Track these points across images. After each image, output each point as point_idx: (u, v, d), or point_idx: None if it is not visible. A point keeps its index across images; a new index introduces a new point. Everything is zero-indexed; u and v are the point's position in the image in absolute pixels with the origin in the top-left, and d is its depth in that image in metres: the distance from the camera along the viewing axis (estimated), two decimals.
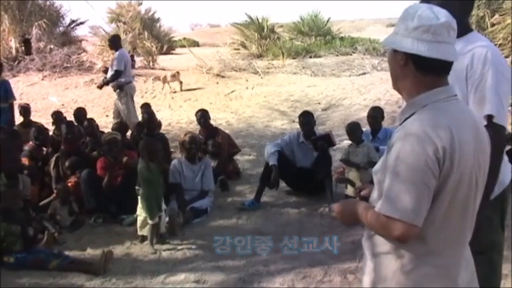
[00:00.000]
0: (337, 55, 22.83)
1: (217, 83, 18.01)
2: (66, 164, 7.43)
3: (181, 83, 17.48)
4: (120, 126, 8.84)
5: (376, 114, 8.18)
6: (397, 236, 2.12)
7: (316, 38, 26.85)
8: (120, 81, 11.21)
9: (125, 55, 11.53)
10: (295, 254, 5.83)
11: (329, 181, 7.43)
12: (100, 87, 12.21)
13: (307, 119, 7.92)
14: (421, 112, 2.20)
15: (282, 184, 7.85)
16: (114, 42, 11.80)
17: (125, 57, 11.45)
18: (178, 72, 17.72)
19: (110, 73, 11.41)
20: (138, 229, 6.35)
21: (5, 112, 9.94)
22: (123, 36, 20.80)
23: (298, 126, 8.43)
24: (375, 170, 2.34)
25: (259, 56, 23.79)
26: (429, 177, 2.09)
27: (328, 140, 7.59)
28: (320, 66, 19.91)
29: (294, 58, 22.48)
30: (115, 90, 11.47)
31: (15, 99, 10.77)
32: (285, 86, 17.01)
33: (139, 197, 6.21)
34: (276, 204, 7.65)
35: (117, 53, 11.44)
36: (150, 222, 6.14)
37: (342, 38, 27.02)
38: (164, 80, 17.37)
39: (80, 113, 9.89)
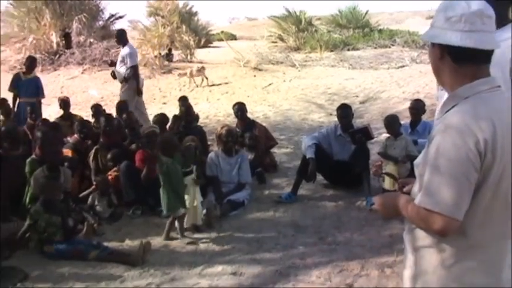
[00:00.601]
0: (375, 48, 22.61)
1: (255, 76, 17.99)
2: (108, 156, 7.52)
3: (206, 78, 17.49)
4: (160, 119, 8.89)
5: (418, 106, 8.09)
6: (437, 229, 2.09)
7: (354, 31, 26.64)
8: (126, 73, 11.26)
9: (135, 49, 11.67)
10: (332, 247, 5.81)
11: (367, 174, 7.36)
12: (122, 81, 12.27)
13: (345, 111, 7.86)
14: (462, 104, 2.16)
15: (319, 177, 7.82)
16: (122, 37, 11.76)
17: (135, 51, 11.59)
18: (203, 67, 17.74)
19: (118, 67, 11.43)
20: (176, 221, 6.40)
21: (33, 107, 10.16)
22: (161, 30, 20.91)
23: (335, 119, 8.38)
24: (416, 163, 2.31)
25: (297, 49, 23.69)
26: (470, 170, 2.05)
27: (366, 133, 7.51)
28: (358, 59, 19.74)
29: (331, 51, 22.33)
30: (121, 83, 11.50)
31: (43, 97, 10.96)
32: (323, 79, 16.92)
33: (161, 191, 6.27)
34: (313, 197, 7.63)
35: (127, 48, 11.41)
36: (167, 214, 6.26)
37: (380, 31, 26.76)
38: (190, 75, 17.40)
39: (123, 105, 10.02)
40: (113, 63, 11.95)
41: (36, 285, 5.13)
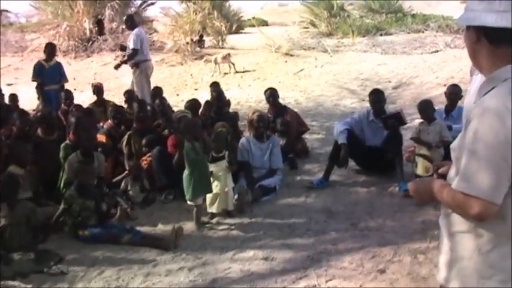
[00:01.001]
0: (408, 32, 22.27)
1: (286, 61, 17.90)
2: (143, 142, 7.57)
3: (233, 64, 17.44)
4: (192, 104, 8.92)
5: (456, 91, 7.95)
6: (474, 214, 2.05)
7: (386, 16, 26.27)
8: (136, 59, 11.38)
9: (141, 34, 11.65)
10: (364, 233, 5.78)
11: (399, 160, 7.28)
12: (116, 67, 12.48)
13: (377, 97, 7.78)
14: (500, 86, 2.11)
15: (351, 163, 7.77)
16: (130, 21, 11.95)
17: (142, 36, 11.58)
18: (229, 54, 17.67)
19: (127, 52, 11.61)
20: (208, 206, 6.43)
21: (58, 93, 10.27)
22: (193, 16, 20.91)
23: (368, 105, 8.32)
24: (453, 146, 2.27)
25: (329, 35, 23.48)
26: (509, 153, 2.01)
27: (398, 118, 7.42)
28: (391, 44, 19.49)
29: (364, 36, 22.07)
30: (132, 68, 11.62)
31: (67, 81, 11.08)
32: (355, 64, 16.76)
33: (184, 177, 6.27)
34: (345, 183, 7.59)
35: (133, 32, 11.55)
36: (190, 203, 6.26)
37: (413, 15, 26.34)
38: (215, 62, 17.37)
39: (157, 91, 10.08)
40: (123, 48, 12.00)
41: (71, 268, 5.21)
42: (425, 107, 7.12)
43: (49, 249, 5.55)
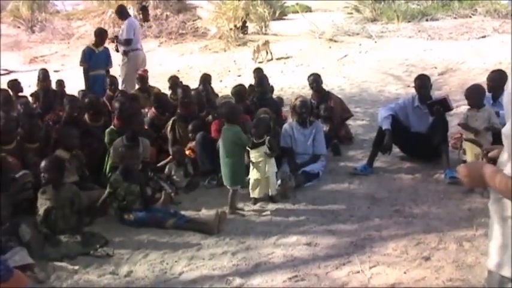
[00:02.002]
0: (455, 18, 21.80)
1: (330, 47, 17.74)
2: (189, 128, 7.62)
3: (271, 52, 17.34)
4: (238, 90, 8.93)
5: (496, 78, 7.68)
6: None
7: (433, 1, 25.80)
8: (127, 48, 11.75)
9: (133, 24, 11.99)
10: (408, 220, 5.72)
11: (445, 147, 7.16)
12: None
13: (423, 82, 7.63)
14: None
15: (396, 149, 7.69)
16: (121, 12, 12.28)
17: (134, 26, 11.90)
18: (268, 41, 17.59)
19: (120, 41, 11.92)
20: (251, 191, 6.46)
21: (104, 78, 10.51)
22: (236, 3, 20.89)
23: (413, 91, 8.20)
24: (506, 132, 2.21)
25: (373, 20, 23.16)
26: None
27: (444, 104, 7.27)
28: (437, 30, 19.11)
29: (409, 22, 21.70)
30: (122, 56, 11.95)
31: (111, 67, 11.24)
32: (400, 50, 16.49)
33: (222, 161, 6.34)
34: (389, 169, 7.52)
35: (126, 22, 11.91)
36: (230, 187, 6.31)
37: (460, 0, 25.83)
38: (257, 49, 17.28)
39: (206, 77, 10.14)
40: (116, 38, 12.16)
41: (117, 250, 5.30)
42: (474, 93, 6.95)
43: (95, 232, 5.65)
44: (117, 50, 12.13)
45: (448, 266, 4.67)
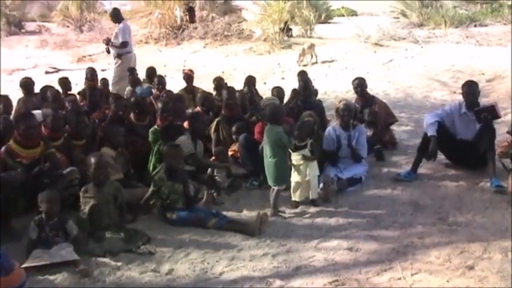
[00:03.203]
0: (504, 24, 21.42)
1: (375, 52, 17.61)
2: (233, 129, 7.66)
3: (316, 55, 17.28)
4: (278, 92, 8.96)
5: None
6: None
7: (481, 6, 25.39)
8: (119, 51, 12.14)
9: (128, 27, 12.42)
10: (452, 228, 5.64)
11: (492, 155, 7.02)
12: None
13: (471, 88, 7.49)
14: None
15: (441, 156, 7.56)
16: (116, 15, 12.51)
17: (128, 29, 12.35)
18: (313, 44, 17.53)
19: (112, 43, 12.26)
20: (292, 194, 6.46)
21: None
22: (282, 5, 20.90)
23: (459, 97, 8.09)
24: None
25: (420, 25, 22.96)
26: None
27: (492, 111, 7.13)
28: (485, 36, 18.82)
29: (456, 27, 21.43)
30: (114, 59, 12.28)
31: None
32: (447, 55, 16.26)
33: (265, 161, 6.35)
34: (434, 176, 7.42)
35: (121, 25, 12.28)
36: (274, 187, 6.30)
37: (511, 6, 25.34)
38: (302, 53, 17.24)
39: (250, 80, 10.19)
40: (109, 41, 12.43)
41: (159, 248, 5.36)
42: None
43: (138, 229, 5.73)
44: (108, 52, 12.66)
45: (492, 276, 4.60)
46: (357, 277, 4.70)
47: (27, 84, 9.52)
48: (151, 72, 11.03)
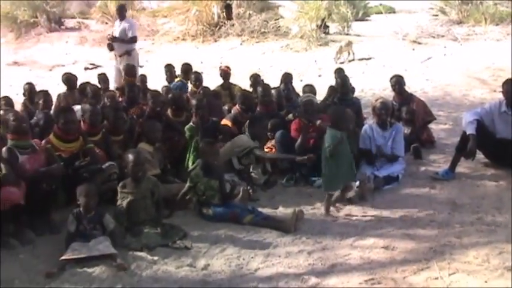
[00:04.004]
0: None
1: (413, 49, 17.42)
2: (268, 125, 7.66)
3: (353, 53, 17.15)
4: (310, 90, 8.92)
5: None
6: None
7: None
8: (129, 47, 12.15)
9: (136, 23, 12.76)
10: (491, 228, 5.56)
11: None
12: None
13: (511, 86, 7.37)
14: None
15: (479, 155, 7.43)
16: (121, 11, 12.57)
17: (136, 25, 12.71)
18: (350, 42, 17.40)
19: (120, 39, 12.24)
20: None
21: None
22: (319, 2, 20.81)
23: (499, 96, 7.92)
24: None
25: (459, 22, 22.56)
26: None
27: None
28: None
29: (497, 24, 21.00)
30: (120, 56, 12.18)
31: None
32: (487, 53, 16.01)
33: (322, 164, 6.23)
34: (472, 175, 7.30)
35: (129, 21, 12.68)
36: (324, 191, 6.23)
37: None
38: (340, 50, 17.13)
39: (287, 77, 10.19)
40: (113, 38, 12.40)
41: (195, 244, 5.40)
42: None
43: (174, 224, 5.78)
44: (111, 49, 12.56)
45: None
46: (393, 276, 4.66)
47: (70, 80, 9.72)
48: (186, 68, 11.06)
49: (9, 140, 5.78)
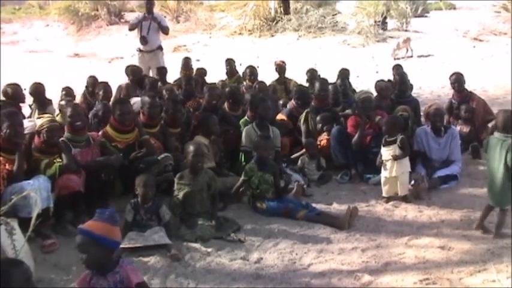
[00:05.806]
0: None
1: (474, 47, 17.08)
2: (318, 118, 7.64)
3: (411, 49, 16.87)
4: (380, 87, 8.81)
5: None
6: None
7: None
8: (160, 41, 11.93)
9: None
10: None
11: None
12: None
13: None
14: None
15: None
16: (151, 7, 12.35)
17: None
18: (409, 38, 17.15)
19: (155, 36, 11.82)
20: (383, 190, 6.37)
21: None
22: None
23: None
24: None
25: None
26: None
27: None
28: None
29: None
30: (151, 52, 11.66)
31: None
32: None
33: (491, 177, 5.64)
34: None
35: (158, 14, 12.94)
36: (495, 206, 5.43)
37: None
38: (397, 47, 16.90)
39: (344, 72, 10.13)
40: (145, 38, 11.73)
41: (248, 237, 5.43)
42: None
43: (228, 217, 5.82)
44: (145, 43, 11.66)
45: None
46: (448, 276, 4.58)
47: (134, 72, 9.81)
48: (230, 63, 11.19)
49: (65, 132, 5.97)
